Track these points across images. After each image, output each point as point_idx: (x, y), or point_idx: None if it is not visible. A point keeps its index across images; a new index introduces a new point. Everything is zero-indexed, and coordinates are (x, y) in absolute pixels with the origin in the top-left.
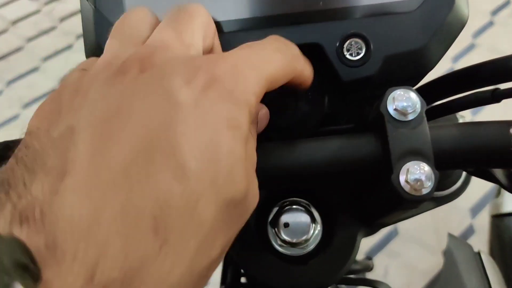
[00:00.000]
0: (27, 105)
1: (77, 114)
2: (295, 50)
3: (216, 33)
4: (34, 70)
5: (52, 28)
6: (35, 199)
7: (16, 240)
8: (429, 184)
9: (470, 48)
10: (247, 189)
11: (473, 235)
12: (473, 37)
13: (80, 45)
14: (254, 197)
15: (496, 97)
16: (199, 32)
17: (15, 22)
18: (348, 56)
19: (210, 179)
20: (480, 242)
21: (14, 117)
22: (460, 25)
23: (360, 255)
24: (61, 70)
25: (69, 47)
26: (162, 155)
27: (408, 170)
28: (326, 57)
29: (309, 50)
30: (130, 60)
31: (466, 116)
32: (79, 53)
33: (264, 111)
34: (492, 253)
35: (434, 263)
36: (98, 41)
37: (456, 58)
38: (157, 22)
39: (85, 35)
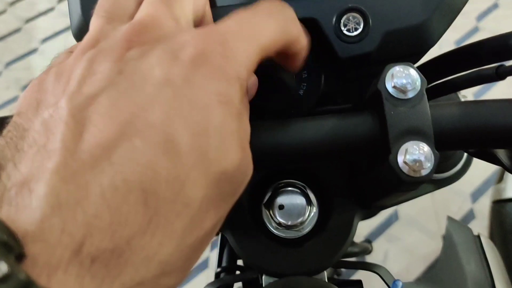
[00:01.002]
0: (25, 87)
1: (63, 95)
2: (290, 12)
3: (207, 2)
4: (32, 51)
5: (50, 9)
6: (24, 177)
7: (3, 223)
8: (429, 165)
9: (474, 31)
10: (240, 161)
11: (473, 220)
12: (477, 20)
13: None
14: (247, 169)
15: (500, 74)
16: (189, 3)
17: (12, 3)
18: (345, 32)
19: (200, 154)
20: (480, 227)
21: (12, 99)
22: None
23: (359, 239)
24: (60, 52)
25: (67, 28)
26: (151, 131)
27: (406, 150)
28: (322, 33)
29: (305, 26)
30: (116, 40)
31: (468, 96)
32: None
33: (253, 79)
34: (492, 238)
35: (433, 248)
36: (85, 16)
37: (459, 42)
38: None
39: (70, 9)
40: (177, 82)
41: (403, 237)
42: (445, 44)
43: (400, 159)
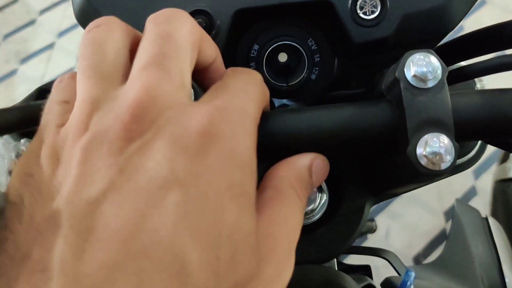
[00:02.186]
0: (24, 60)
1: (61, 195)
2: (259, 76)
3: (216, 49)
4: (30, 23)
5: None
6: None
7: None
8: (449, 158)
9: (481, 4)
10: (256, 268)
11: (475, 197)
12: None
13: None
14: (273, 273)
15: None
16: (187, 62)
17: None
18: (361, 15)
19: (212, 271)
20: (482, 203)
21: (12, 72)
22: None
23: None
24: (59, 24)
25: None
26: (158, 250)
27: (426, 142)
28: (337, 16)
29: (318, 9)
30: (113, 128)
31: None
32: None
33: (321, 162)
34: (495, 216)
35: (435, 224)
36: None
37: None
38: (135, 38)
39: None
40: (184, 181)
41: (404, 214)
42: None
43: (419, 151)
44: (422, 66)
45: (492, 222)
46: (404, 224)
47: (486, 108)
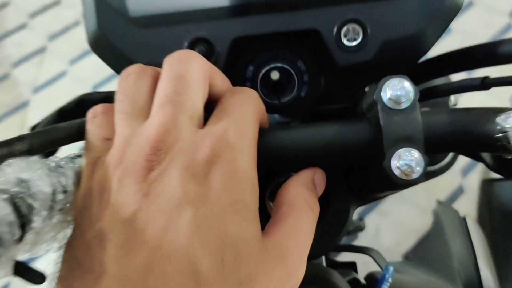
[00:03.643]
0: (16, 64)
1: (104, 217)
2: (255, 94)
3: (217, 72)
4: (22, 27)
5: None
6: None
7: None
8: (419, 169)
9: (468, 6)
10: (261, 269)
11: (463, 194)
12: None
13: (68, 1)
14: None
15: (485, 85)
16: (198, 95)
17: None
18: (345, 42)
19: (218, 271)
20: (469, 201)
21: (4, 77)
22: (455, 9)
23: (353, 216)
24: (50, 27)
25: (57, 3)
26: (177, 257)
27: (399, 156)
28: (323, 43)
29: (307, 36)
30: (137, 160)
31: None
32: (69, 10)
33: (320, 175)
34: (481, 216)
35: (424, 222)
36: (101, 27)
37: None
38: (157, 77)
39: (86, 21)
40: (195, 201)
41: (394, 212)
42: None
43: (394, 164)
44: (396, 90)
45: (470, 221)
46: (393, 222)
47: (452, 126)
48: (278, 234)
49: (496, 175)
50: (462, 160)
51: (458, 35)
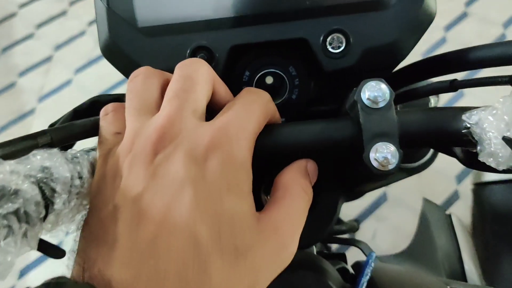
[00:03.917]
0: (23, 73)
1: (116, 197)
2: (266, 96)
3: (221, 82)
4: (29, 37)
5: None
6: (94, 262)
7: (91, 285)
8: (394, 161)
9: (462, 17)
10: (256, 240)
11: (458, 200)
12: (466, 6)
13: (74, 11)
14: (263, 248)
15: (453, 87)
16: (202, 93)
17: None
18: (330, 49)
19: (217, 238)
20: (465, 207)
21: (11, 85)
22: (428, 21)
23: (349, 219)
24: (56, 37)
25: (63, 13)
26: (179, 230)
27: (377, 149)
28: (311, 50)
29: (296, 44)
30: (146, 147)
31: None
32: (74, 21)
33: (313, 166)
34: (474, 219)
35: None
36: (112, 36)
37: (448, 27)
38: (166, 78)
39: (99, 30)
40: (195, 181)
41: (391, 217)
42: (435, 30)
43: (372, 156)
44: (374, 91)
45: (455, 218)
46: (389, 226)
47: (424, 123)
48: (273, 212)
49: (487, 179)
50: (457, 167)
51: (453, 45)
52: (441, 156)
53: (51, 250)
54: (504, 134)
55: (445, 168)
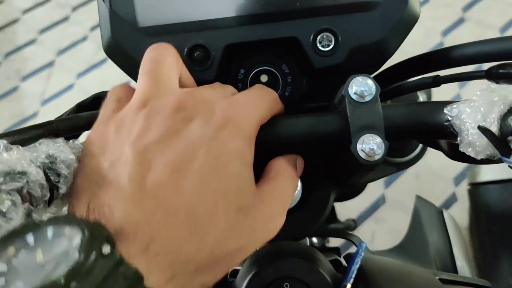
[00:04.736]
0: (25, 77)
1: (124, 144)
2: (274, 94)
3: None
4: (31, 42)
5: (47, 0)
6: (103, 202)
7: (103, 225)
8: (380, 152)
9: (460, 22)
10: (254, 203)
11: (455, 202)
12: (463, 11)
13: (76, 17)
14: (262, 212)
15: (436, 82)
16: (174, 74)
17: None
18: (320, 48)
19: (224, 193)
20: (462, 208)
21: (13, 89)
22: (413, 21)
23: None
24: (58, 42)
25: (65, 19)
26: (190, 175)
27: (363, 141)
28: (302, 48)
29: (288, 43)
30: (167, 104)
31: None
32: (76, 27)
33: (301, 161)
34: (471, 219)
35: None
36: (114, 36)
37: (446, 32)
38: (179, 62)
39: (102, 31)
40: (209, 143)
41: (389, 219)
42: (433, 34)
43: (359, 147)
44: (361, 86)
45: (446, 214)
46: (388, 228)
47: (409, 116)
48: (266, 186)
49: (482, 179)
50: (455, 169)
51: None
52: (438, 159)
53: None
54: (479, 124)
55: (442, 170)
